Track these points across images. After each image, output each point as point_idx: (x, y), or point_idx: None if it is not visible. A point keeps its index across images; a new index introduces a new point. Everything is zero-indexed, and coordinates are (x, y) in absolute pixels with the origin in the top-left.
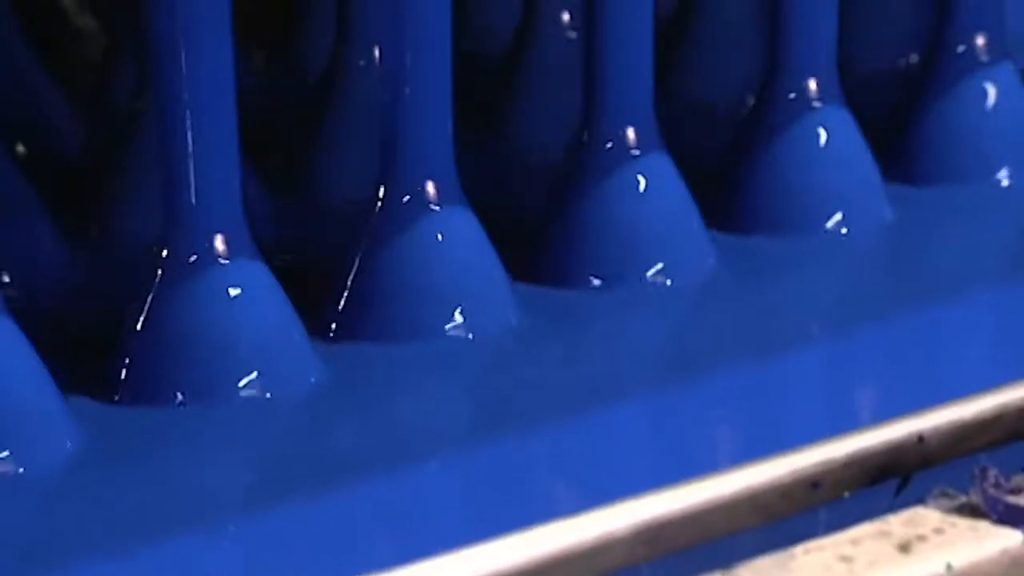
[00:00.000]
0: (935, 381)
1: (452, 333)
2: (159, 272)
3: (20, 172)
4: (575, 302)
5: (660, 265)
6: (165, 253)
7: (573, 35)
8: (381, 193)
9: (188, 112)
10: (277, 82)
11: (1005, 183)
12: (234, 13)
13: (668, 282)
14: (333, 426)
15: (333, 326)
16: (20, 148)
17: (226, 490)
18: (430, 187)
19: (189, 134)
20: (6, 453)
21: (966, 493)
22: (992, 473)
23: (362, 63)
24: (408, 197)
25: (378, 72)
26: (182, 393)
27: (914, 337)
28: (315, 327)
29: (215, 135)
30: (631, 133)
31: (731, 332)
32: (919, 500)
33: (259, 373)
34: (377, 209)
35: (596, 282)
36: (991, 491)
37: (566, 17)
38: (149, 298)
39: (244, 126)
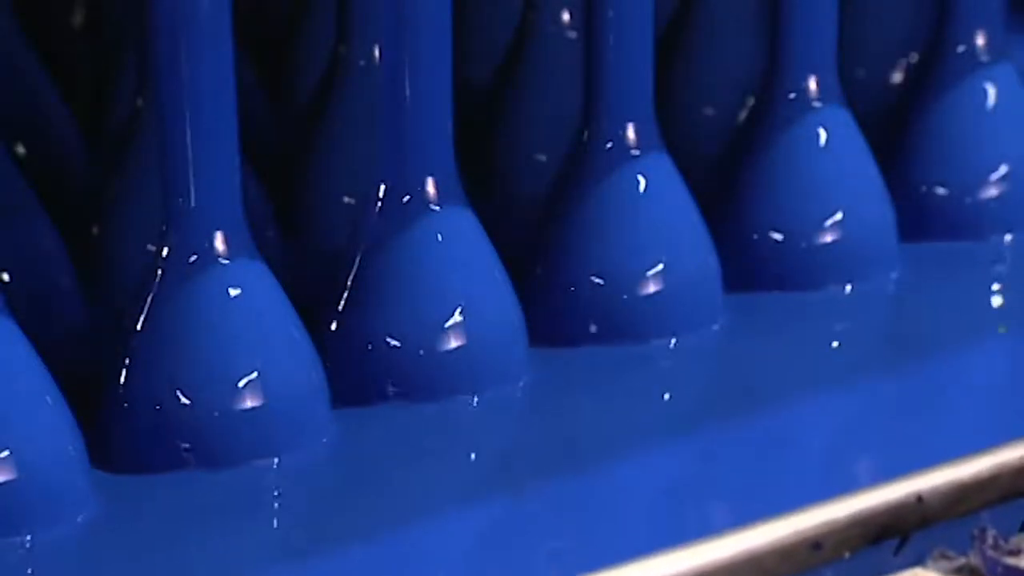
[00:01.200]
0: (934, 441)
1: (451, 332)
2: (159, 272)
3: (20, 173)
4: (577, 357)
5: (660, 266)
6: (165, 253)
7: (573, 35)
8: (381, 193)
9: (188, 112)
10: (277, 83)
11: (1008, 238)
12: (234, 13)
13: (667, 286)
14: (340, 484)
15: (333, 326)
16: (20, 148)
17: (240, 548)
18: (430, 187)
19: (189, 134)
20: (6, 453)
21: (965, 554)
22: (991, 534)
23: (362, 63)
24: (408, 197)
25: (378, 72)
26: (182, 393)
27: (911, 396)
28: (315, 327)
29: (215, 135)
30: (631, 133)
31: (732, 388)
32: (918, 560)
33: (259, 373)
34: (377, 209)
35: (597, 281)
36: (990, 552)
37: (566, 17)
38: (149, 298)
39: (244, 126)
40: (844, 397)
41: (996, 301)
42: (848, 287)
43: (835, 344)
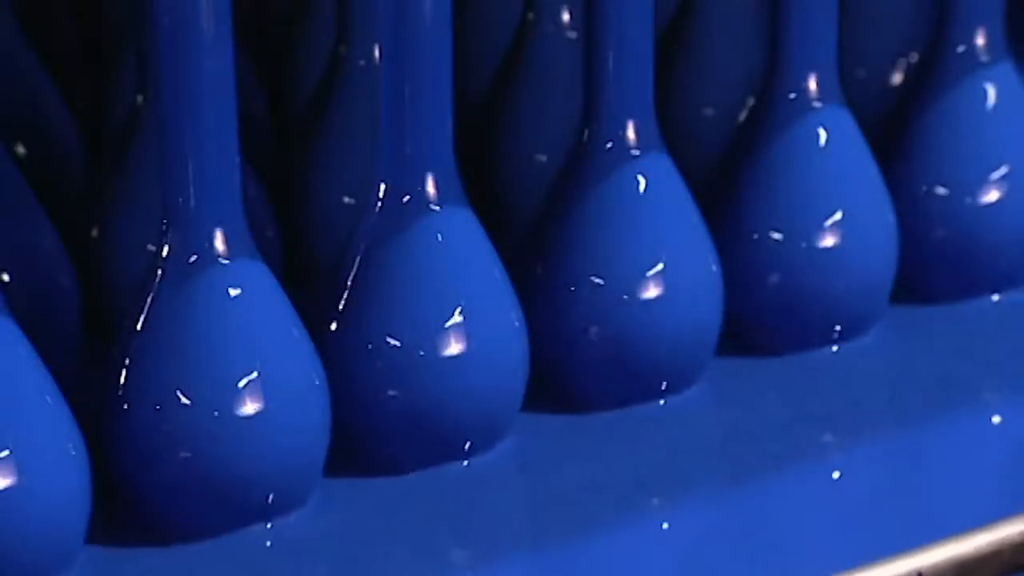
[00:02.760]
0: (934, 517)
1: (451, 332)
2: (159, 272)
3: (20, 172)
4: (573, 422)
5: (660, 266)
6: (165, 253)
7: (573, 35)
8: (381, 193)
9: (188, 112)
10: (277, 83)
11: (996, 297)
12: (234, 13)
13: (667, 286)
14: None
15: (333, 326)
16: (20, 148)
17: None
18: (430, 187)
19: (189, 134)
20: (6, 453)
21: None
22: None
23: (362, 63)
24: (408, 197)
25: (378, 72)
26: (182, 393)
27: (910, 471)
28: (315, 327)
29: (215, 135)
30: (631, 133)
31: (723, 457)
32: None
33: (259, 374)
34: (377, 209)
35: (597, 281)
36: None
37: (566, 17)
38: (149, 298)
39: (244, 126)
40: (840, 472)
41: (994, 360)
42: (846, 291)
43: (829, 406)
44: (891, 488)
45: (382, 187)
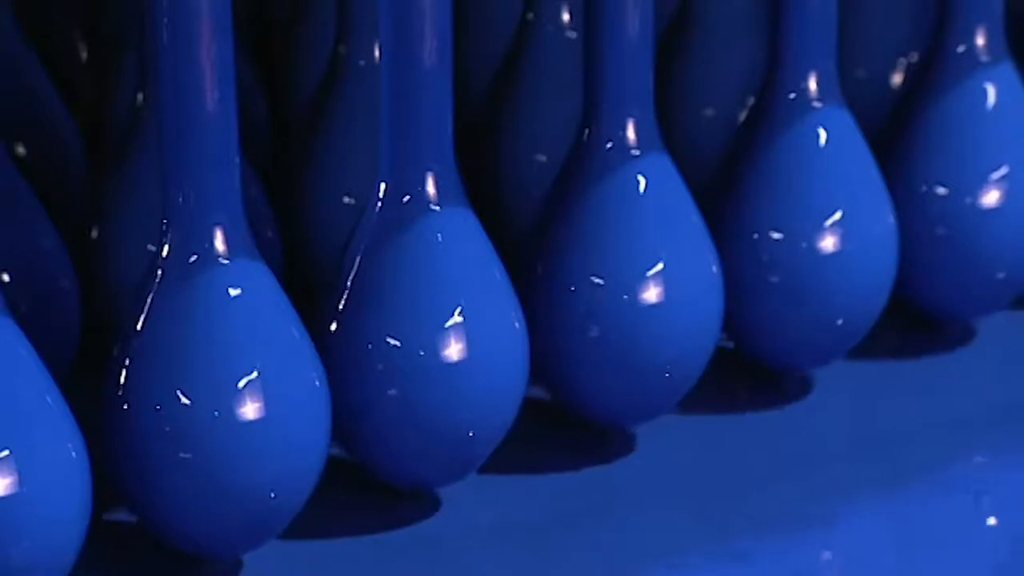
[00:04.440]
0: None
1: (452, 332)
2: (159, 272)
3: (20, 172)
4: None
5: (660, 266)
6: (165, 253)
7: (573, 35)
8: (381, 193)
9: (188, 111)
10: (277, 83)
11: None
12: (234, 12)
13: (667, 286)
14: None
15: (333, 326)
16: (20, 148)
17: None
18: (430, 187)
19: (189, 133)
20: (5, 453)
21: None
22: None
23: (362, 63)
24: (408, 197)
25: (378, 72)
26: (182, 393)
27: (891, 536)
28: (315, 327)
29: (215, 135)
30: (631, 133)
31: (710, 513)
32: None
33: (259, 374)
34: (377, 209)
35: (597, 281)
36: None
37: (566, 17)
38: (149, 298)
39: (244, 126)
40: (831, 532)
41: (987, 406)
42: (846, 291)
43: (815, 456)
44: (882, 552)
45: (382, 187)
